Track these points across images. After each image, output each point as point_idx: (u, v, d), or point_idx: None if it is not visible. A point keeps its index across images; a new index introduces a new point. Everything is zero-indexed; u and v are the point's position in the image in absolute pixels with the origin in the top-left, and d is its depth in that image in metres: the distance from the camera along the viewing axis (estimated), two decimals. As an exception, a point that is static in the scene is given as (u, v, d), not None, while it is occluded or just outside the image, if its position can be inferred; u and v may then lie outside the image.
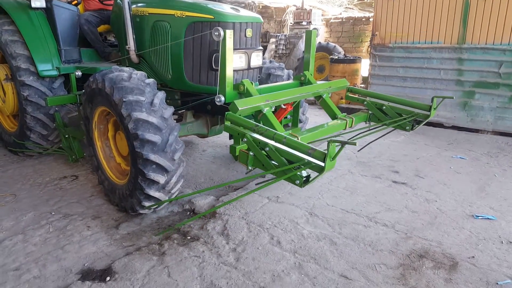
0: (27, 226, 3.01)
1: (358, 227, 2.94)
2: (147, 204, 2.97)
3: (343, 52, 8.77)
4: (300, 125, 3.90)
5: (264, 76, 4.17)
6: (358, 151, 3.80)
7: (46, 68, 4.10)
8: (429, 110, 3.29)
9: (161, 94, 2.96)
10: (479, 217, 3.10)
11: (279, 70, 4.19)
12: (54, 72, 4.13)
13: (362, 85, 7.56)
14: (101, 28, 4.60)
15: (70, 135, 3.98)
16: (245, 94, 2.93)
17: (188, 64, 3.37)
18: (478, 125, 5.58)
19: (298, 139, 2.63)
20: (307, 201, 3.36)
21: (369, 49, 10.40)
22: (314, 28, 3.49)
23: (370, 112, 3.48)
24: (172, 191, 3.03)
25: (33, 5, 4.02)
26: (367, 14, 12.00)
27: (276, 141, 2.25)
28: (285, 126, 3.74)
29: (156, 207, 3.11)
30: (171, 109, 2.96)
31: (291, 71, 4.29)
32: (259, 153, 2.32)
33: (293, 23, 10.84)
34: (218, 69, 3.23)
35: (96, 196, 3.56)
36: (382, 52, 6.24)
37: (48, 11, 4.16)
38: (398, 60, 6.11)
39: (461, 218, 3.11)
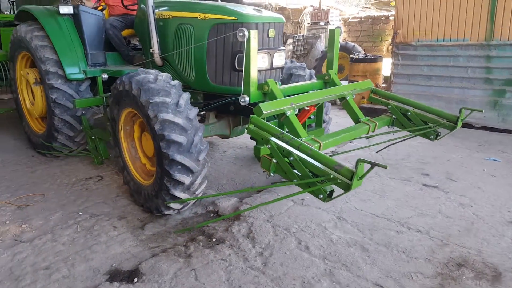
0: (55, 226, 3.07)
1: (390, 232, 2.85)
2: (172, 205, 2.97)
3: (363, 52, 8.63)
4: (323, 125, 3.84)
5: (286, 76, 4.13)
6: (376, 152, 3.67)
7: (73, 71, 4.20)
8: (456, 122, 3.13)
9: (186, 95, 2.97)
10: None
11: (301, 70, 4.15)
12: (81, 75, 4.23)
13: (384, 85, 7.41)
14: (125, 32, 4.67)
15: (96, 136, 4.04)
16: (269, 94, 2.90)
17: (211, 65, 3.37)
18: (510, 125, 5.37)
19: (320, 145, 2.58)
20: (334, 204, 3.30)
21: (389, 48, 10.21)
22: (337, 27, 3.43)
23: (393, 116, 3.35)
24: (197, 192, 3.03)
25: (61, 11, 4.13)
26: (385, 13, 11.79)
27: (301, 152, 2.19)
28: (308, 126, 3.69)
29: (181, 208, 3.11)
30: (196, 110, 2.96)
31: (312, 71, 4.23)
32: (282, 161, 2.27)
33: (310, 23, 10.75)
34: (241, 70, 3.24)
35: (121, 197, 3.60)
36: (405, 50, 6.10)
37: (75, 17, 4.27)
38: (422, 59, 5.96)
39: (500, 225, 2.96)
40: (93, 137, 4.10)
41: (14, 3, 9.16)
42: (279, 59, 3.38)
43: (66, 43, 4.20)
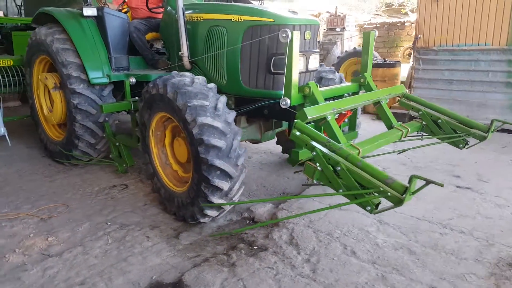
0: (84, 238, 2.94)
1: (434, 234, 2.77)
2: (209, 212, 2.86)
3: (379, 57, 8.60)
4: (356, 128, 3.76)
5: (316, 79, 4.06)
6: (398, 153, 3.62)
7: (97, 75, 4.10)
8: (487, 132, 3.12)
9: (224, 99, 2.88)
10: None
11: (331, 74, 4.08)
12: (105, 80, 4.13)
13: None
14: (148, 36, 4.60)
15: (121, 143, 3.93)
16: (310, 97, 2.82)
17: (244, 68, 3.29)
18: (531, 128, 5.31)
19: (360, 151, 2.51)
20: (373, 208, 3.20)
21: (405, 54, 10.23)
22: (372, 30, 3.37)
23: (424, 122, 3.33)
24: (234, 198, 2.92)
25: (85, 13, 4.05)
26: (401, 19, 11.84)
27: (349, 162, 2.14)
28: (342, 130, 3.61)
29: (216, 216, 3.00)
30: (233, 114, 2.88)
31: (342, 74, 4.17)
32: (327, 170, 2.21)
33: (326, 29, 10.76)
34: (276, 73, 3.17)
35: (150, 205, 3.48)
36: (426, 55, 6.07)
37: (99, 19, 4.19)
38: (443, 63, 5.92)
39: (541, 225, 2.90)
40: (117, 144, 3.99)
41: (22, 7, 9.09)
42: (314, 61, 3.32)
43: (89, 46, 4.11)
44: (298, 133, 2.39)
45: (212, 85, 2.95)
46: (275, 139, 4.33)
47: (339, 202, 3.26)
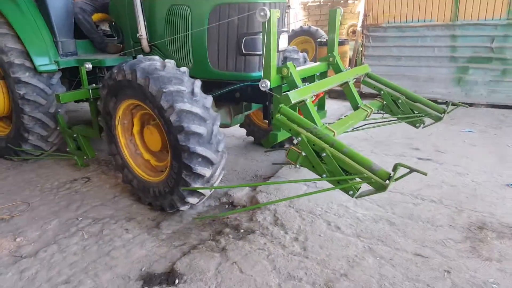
0: (56, 235, 2.75)
1: (408, 205, 2.95)
2: (190, 199, 2.80)
3: (325, 35, 8.78)
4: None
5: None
6: (353, 129, 3.83)
7: (43, 62, 3.74)
8: (443, 113, 3.39)
9: (199, 83, 2.78)
10: (513, 185, 3.22)
11: (295, 53, 4.07)
12: (53, 67, 3.78)
13: (349, 68, 7.61)
14: (95, 17, 4.25)
15: (80, 134, 3.65)
16: (288, 78, 2.80)
17: (212, 50, 3.18)
18: (473, 99, 5.81)
19: (335, 133, 2.60)
20: (347, 183, 3.33)
21: (348, 31, 10.55)
22: (338, 7, 3.40)
23: (384, 102, 3.53)
24: (215, 185, 2.88)
25: (23, -7, 3.63)
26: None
27: (335, 149, 2.21)
28: None
29: (197, 202, 2.94)
30: (210, 98, 2.79)
31: (305, 54, 4.18)
32: (312, 155, 2.27)
33: (269, 7, 10.67)
34: (248, 54, 3.11)
35: (120, 197, 3.32)
36: (375, 32, 6.30)
37: (39, 0, 3.78)
38: (392, 40, 6.20)
39: (498, 188, 3.21)
40: (75, 135, 3.70)
41: None
42: (284, 41, 3.28)
43: (32, 30, 3.71)
44: (281, 117, 2.40)
45: (184, 68, 2.82)
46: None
47: (315, 183, 3.39)
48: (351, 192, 2.16)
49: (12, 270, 2.37)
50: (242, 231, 2.71)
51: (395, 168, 1.99)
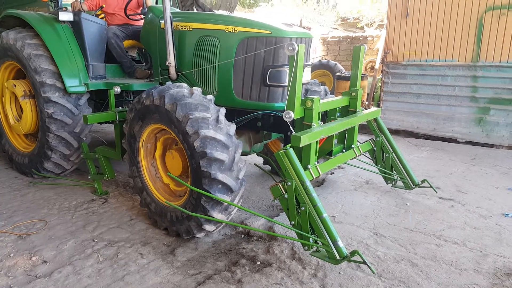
0: (72, 256, 2.74)
1: (430, 246, 2.86)
2: (207, 227, 2.77)
3: (343, 70, 8.89)
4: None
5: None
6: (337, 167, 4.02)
7: (74, 84, 3.88)
8: (414, 186, 3.70)
9: (223, 110, 2.83)
10: (539, 232, 3.10)
11: (316, 86, 4.15)
12: (82, 88, 3.92)
13: (366, 102, 7.65)
14: (125, 43, 4.43)
15: (102, 155, 3.70)
16: (308, 110, 2.82)
17: (237, 80, 3.25)
18: (494, 140, 5.72)
19: (320, 175, 2.87)
20: (366, 220, 3.26)
21: (367, 67, 10.64)
22: (362, 44, 3.48)
23: (374, 148, 3.75)
24: (232, 213, 2.86)
25: (61, 18, 3.83)
26: (363, 33, 12.29)
27: (315, 211, 2.40)
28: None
29: (214, 230, 2.90)
30: (234, 126, 2.82)
31: (326, 87, 4.25)
32: (292, 202, 2.49)
33: (290, 41, 10.93)
34: (272, 85, 3.16)
35: (136, 220, 3.31)
36: (395, 69, 6.35)
37: (75, 25, 3.97)
38: (412, 77, 6.23)
39: (524, 233, 3.10)
40: (97, 156, 3.75)
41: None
42: (307, 74, 3.35)
43: (65, 53, 3.88)
44: (283, 155, 2.50)
45: (210, 96, 2.88)
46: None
47: (333, 214, 3.34)
48: (306, 248, 2.47)
49: (26, 289, 2.35)
50: (258, 263, 2.65)
51: (352, 254, 2.22)
